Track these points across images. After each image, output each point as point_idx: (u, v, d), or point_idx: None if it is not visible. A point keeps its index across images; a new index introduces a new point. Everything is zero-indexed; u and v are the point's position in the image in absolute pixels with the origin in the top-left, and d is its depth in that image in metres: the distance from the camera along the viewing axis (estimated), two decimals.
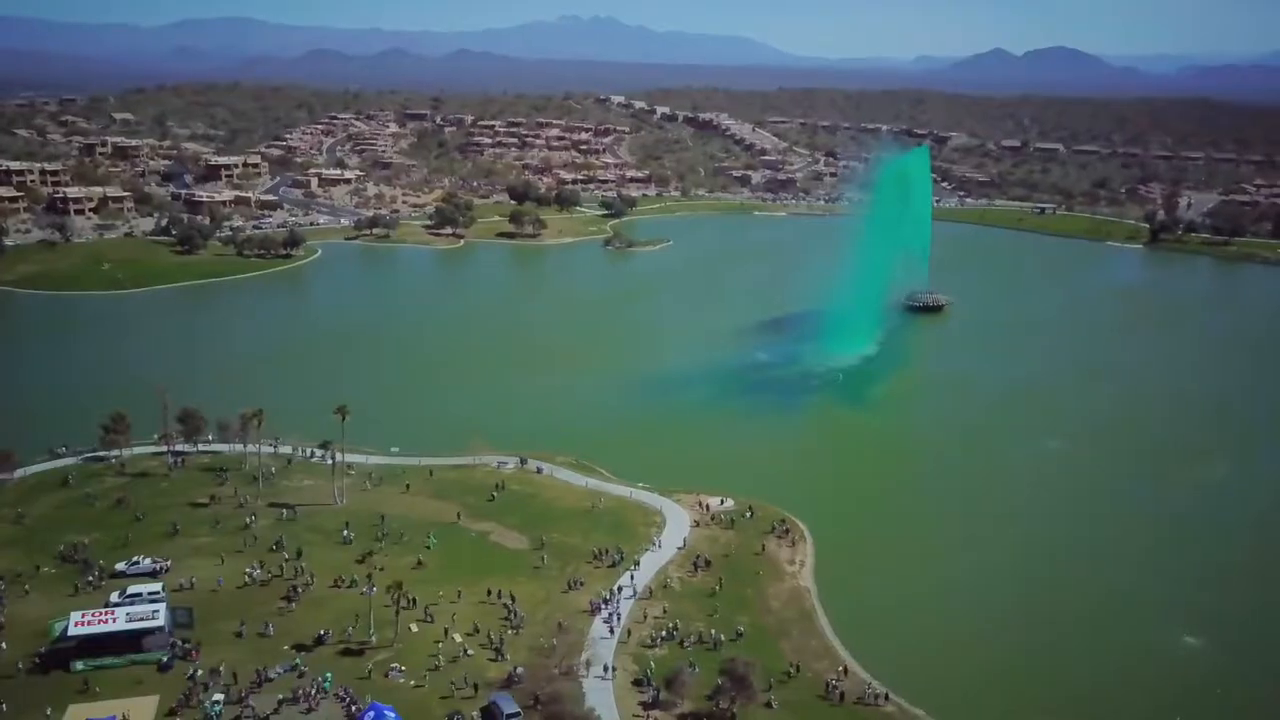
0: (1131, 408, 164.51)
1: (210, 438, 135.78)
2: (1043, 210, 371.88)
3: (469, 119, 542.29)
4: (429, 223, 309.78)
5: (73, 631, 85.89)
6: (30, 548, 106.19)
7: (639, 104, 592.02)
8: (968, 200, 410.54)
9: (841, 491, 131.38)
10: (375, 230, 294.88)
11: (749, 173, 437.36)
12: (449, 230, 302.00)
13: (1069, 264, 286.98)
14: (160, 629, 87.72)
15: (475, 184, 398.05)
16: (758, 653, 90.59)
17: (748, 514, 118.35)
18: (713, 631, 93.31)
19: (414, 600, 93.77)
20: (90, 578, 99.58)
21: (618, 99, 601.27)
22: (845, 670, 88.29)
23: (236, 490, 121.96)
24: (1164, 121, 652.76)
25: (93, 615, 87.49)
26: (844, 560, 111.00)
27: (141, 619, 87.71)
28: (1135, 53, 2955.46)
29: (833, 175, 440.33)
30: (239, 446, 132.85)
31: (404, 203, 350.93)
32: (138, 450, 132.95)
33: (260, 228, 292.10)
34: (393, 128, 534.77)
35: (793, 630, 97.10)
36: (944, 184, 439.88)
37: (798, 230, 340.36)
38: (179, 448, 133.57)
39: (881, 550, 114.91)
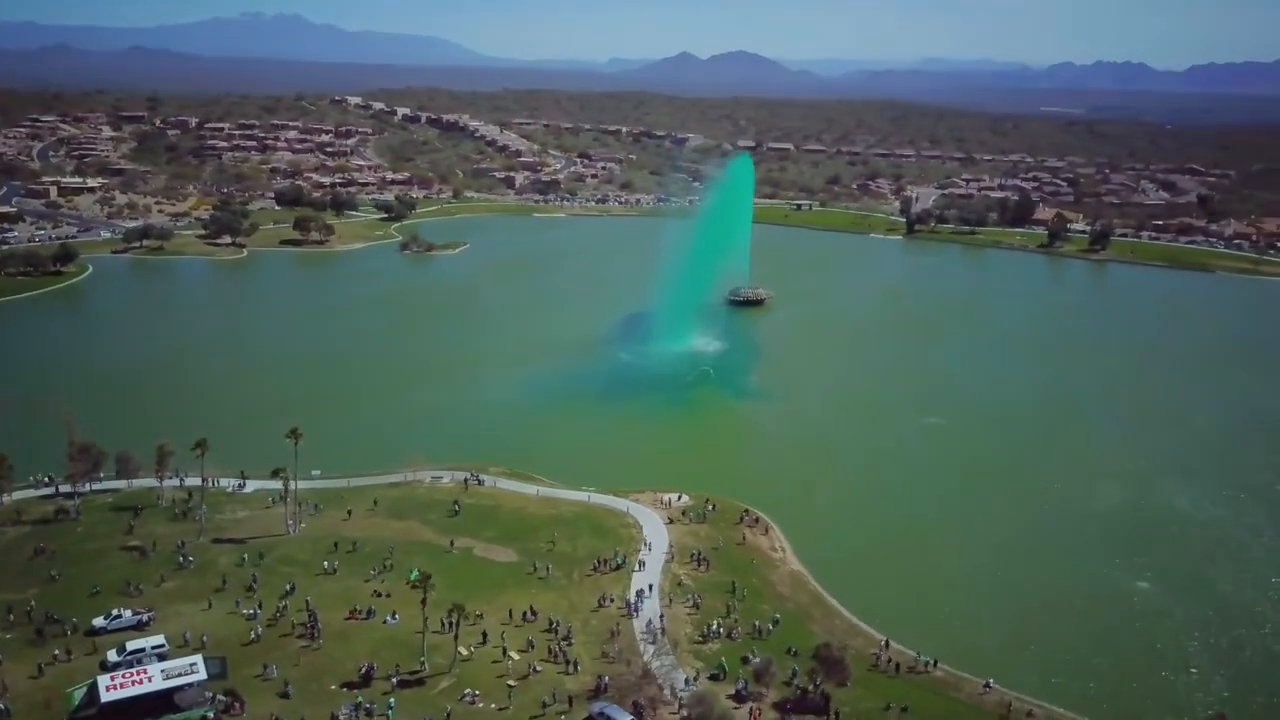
0: (981, 386, 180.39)
1: (102, 475, 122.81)
2: (799, 207, 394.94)
3: (193, 121, 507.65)
4: (203, 232, 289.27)
5: (106, 699, 76.62)
6: None
7: (378, 105, 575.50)
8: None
9: (774, 478, 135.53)
10: (147, 242, 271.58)
11: (511, 174, 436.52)
12: (228, 239, 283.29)
13: (850, 255, 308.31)
14: (199, 683, 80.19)
15: (227, 190, 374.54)
16: (796, 637, 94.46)
17: (710, 508, 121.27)
18: (755, 622, 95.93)
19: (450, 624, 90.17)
20: (56, 637, 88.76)
21: (354, 100, 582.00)
22: (888, 643, 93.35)
23: (158, 530, 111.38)
24: (867, 122, 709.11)
25: (124, 677, 78.55)
26: (815, 541, 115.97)
27: (180, 674, 79.71)
28: (809, 57, 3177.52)
29: (594, 176, 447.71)
30: (138, 482, 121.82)
31: (159, 211, 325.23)
32: (17, 495, 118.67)
33: (6, 242, 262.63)
34: (108, 131, 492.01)
35: (813, 612, 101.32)
36: (695, 184, 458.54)
37: (588, 230, 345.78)
38: (65, 488, 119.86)
39: (844, 528, 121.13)
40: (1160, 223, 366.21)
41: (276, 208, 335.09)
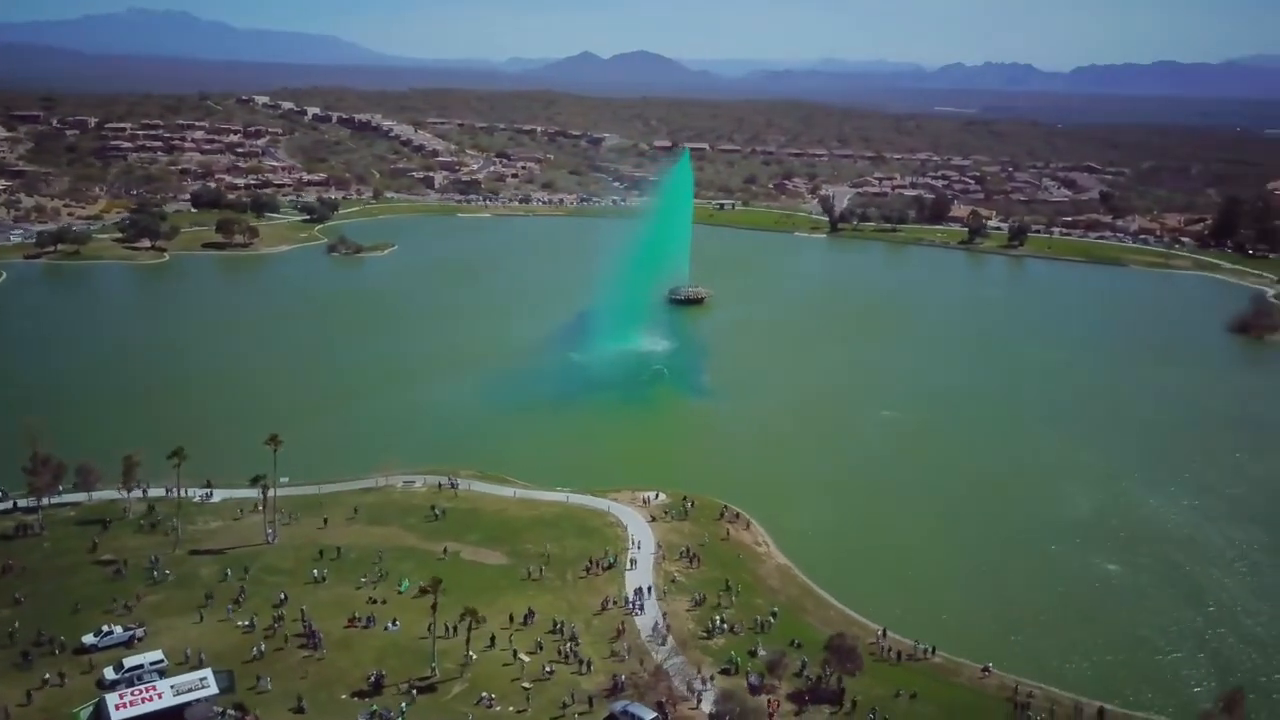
0: (929, 381, 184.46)
1: (61, 488, 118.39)
2: (722, 206, 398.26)
3: (93, 121, 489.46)
4: (120, 235, 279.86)
5: (117, 717, 74.48)
6: None
7: (287, 105, 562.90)
8: (644, 198, 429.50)
9: (742, 474, 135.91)
10: (61, 246, 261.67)
11: (430, 174, 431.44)
12: (148, 243, 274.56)
13: (779, 254, 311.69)
14: (209, 698, 78.37)
15: (136, 192, 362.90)
16: (795, 630, 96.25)
17: (689, 506, 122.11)
18: (756, 617, 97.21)
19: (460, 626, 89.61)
20: (44, 656, 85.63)
21: (262, 99, 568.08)
22: (884, 632, 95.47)
23: (128, 544, 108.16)
24: (776, 122, 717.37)
25: (133, 694, 76.64)
26: (794, 535, 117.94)
27: (190, 689, 77.97)
28: (709, 57, 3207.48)
29: (514, 176, 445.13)
30: (98, 494, 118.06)
31: (68, 214, 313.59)
32: None
33: None
34: (1, 131, 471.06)
35: (806, 604, 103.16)
36: (616, 184, 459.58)
37: (516, 230, 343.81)
38: (23, 503, 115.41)
39: (820, 521, 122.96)
40: (1069, 219, 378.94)
41: (193, 210, 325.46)
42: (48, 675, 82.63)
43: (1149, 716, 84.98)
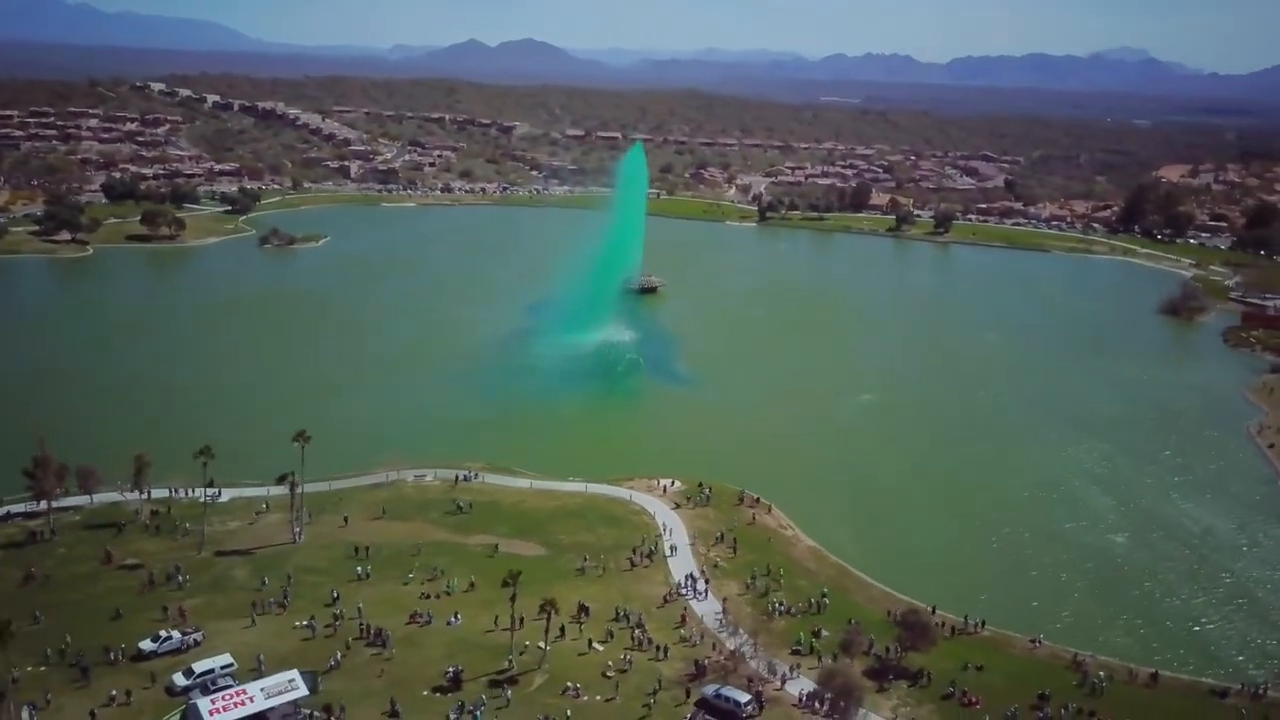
0: (893, 366, 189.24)
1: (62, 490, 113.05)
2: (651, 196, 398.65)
3: None
4: (35, 228, 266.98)
5: None
6: None
7: (184, 92, 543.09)
8: (563, 187, 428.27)
9: (740, 459, 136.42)
10: None
11: (345, 163, 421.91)
12: (67, 236, 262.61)
13: (714, 242, 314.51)
14: (299, 700, 76.48)
15: (37, 182, 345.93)
16: (848, 609, 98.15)
17: (707, 492, 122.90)
18: (810, 598, 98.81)
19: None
20: (99, 665, 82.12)
21: (158, 86, 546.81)
22: (933, 609, 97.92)
23: (146, 547, 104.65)
24: (679, 112, 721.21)
25: (224, 699, 73.93)
26: (811, 517, 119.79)
27: (280, 691, 75.78)
28: (595, 46, 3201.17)
29: (431, 165, 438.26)
30: (99, 497, 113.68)
31: None
32: None
33: None
34: None
35: (846, 584, 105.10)
36: (535, 173, 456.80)
37: (445, 220, 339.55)
38: (18, 508, 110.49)
39: (831, 503, 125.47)
40: (983, 206, 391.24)
41: (105, 201, 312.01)
42: (113, 692, 78.50)
43: (1200, 679, 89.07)
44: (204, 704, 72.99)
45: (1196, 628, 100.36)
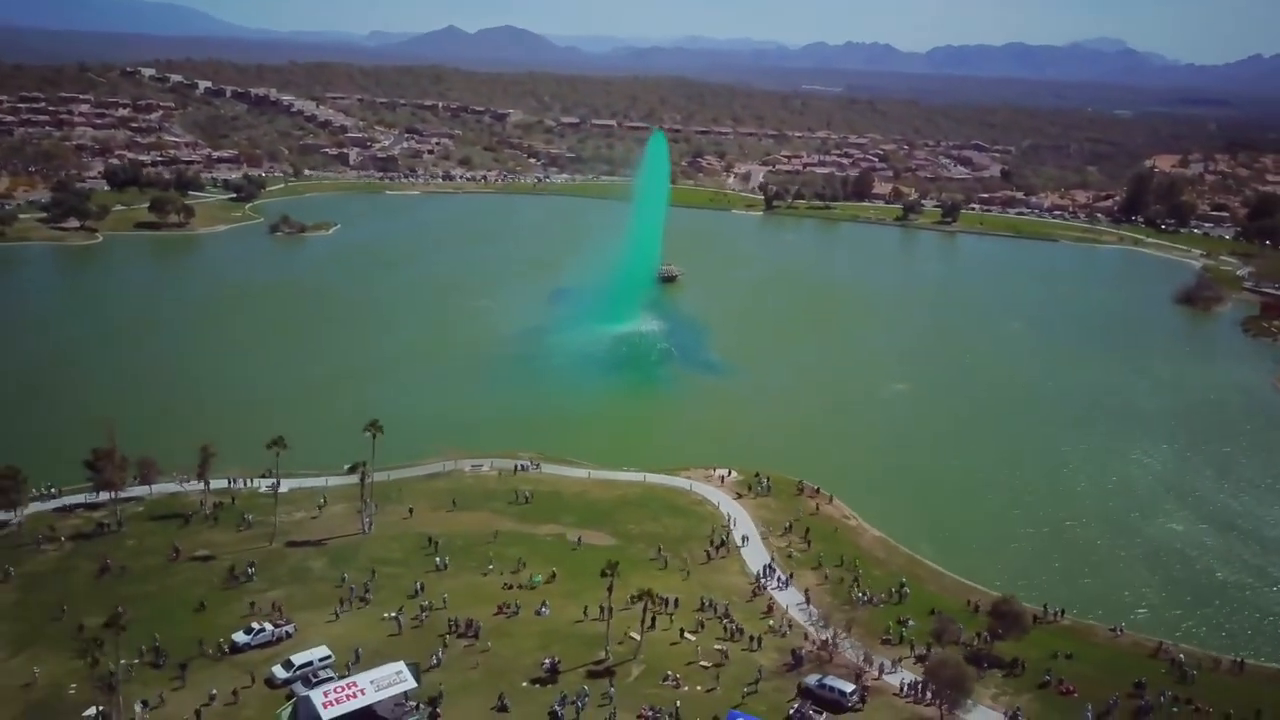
0: (920, 355, 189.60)
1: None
2: None
3: None
4: (43, 215, 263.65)
5: (327, 715, 71.45)
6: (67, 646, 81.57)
7: (176, 78, 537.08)
8: (563, 175, 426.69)
9: (787, 448, 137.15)
10: None
11: (343, 150, 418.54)
12: (76, 224, 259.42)
13: (723, 231, 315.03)
14: (407, 692, 76.16)
15: (35, 169, 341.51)
16: (928, 599, 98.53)
17: (765, 482, 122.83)
18: (891, 588, 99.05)
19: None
20: (195, 658, 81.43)
21: (149, 72, 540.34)
22: (1013, 598, 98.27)
23: (215, 538, 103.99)
24: (669, 100, 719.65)
25: (336, 692, 73.39)
26: (873, 506, 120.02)
27: (389, 684, 75.40)
28: (575, 33, 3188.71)
29: (430, 153, 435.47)
30: (158, 488, 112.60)
31: None
32: (36, 507, 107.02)
33: None
34: None
35: (919, 573, 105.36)
36: (532, 160, 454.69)
37: (451, 208, 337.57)
38: (72, 500, 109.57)
39: (885, 492, 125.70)
40: (985, 195, 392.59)
41: (107, 188, 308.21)
42: (213, 691, 77.47)
43: None
44: (317, 697, 72.36)
45: (1271, 618, 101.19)
